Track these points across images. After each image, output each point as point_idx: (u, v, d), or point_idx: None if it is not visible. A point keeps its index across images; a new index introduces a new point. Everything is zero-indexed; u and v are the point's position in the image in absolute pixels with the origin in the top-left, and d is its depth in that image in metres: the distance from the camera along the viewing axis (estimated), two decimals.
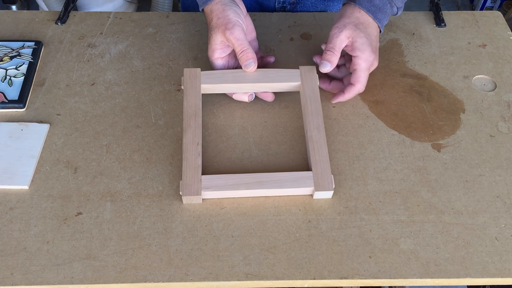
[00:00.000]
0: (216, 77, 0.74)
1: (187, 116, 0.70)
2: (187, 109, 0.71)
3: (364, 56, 0.72)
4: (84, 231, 0.63)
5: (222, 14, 0.72)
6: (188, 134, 0.68)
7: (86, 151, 0.71)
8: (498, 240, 0.63)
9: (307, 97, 0.72)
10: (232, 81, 0.73)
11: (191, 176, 0.65)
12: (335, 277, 0.60)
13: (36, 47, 0.82)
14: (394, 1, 0.75)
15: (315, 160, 0.66)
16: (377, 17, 0.73)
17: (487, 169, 0.70)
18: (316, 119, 0.70)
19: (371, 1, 0.73)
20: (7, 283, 0.58)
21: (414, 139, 0.73)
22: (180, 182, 0.65)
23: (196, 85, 0.73)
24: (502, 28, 0.90)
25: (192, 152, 0.67)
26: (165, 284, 0.59)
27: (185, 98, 0.72)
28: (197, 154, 0.67)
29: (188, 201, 0.65)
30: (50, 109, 0.76)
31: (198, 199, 0.65)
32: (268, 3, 0.95)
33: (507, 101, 0.78)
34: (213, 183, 0.65)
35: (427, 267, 0.61)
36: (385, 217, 0.65)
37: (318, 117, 0.70)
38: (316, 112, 0.71)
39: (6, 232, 0.62)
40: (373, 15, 0.73)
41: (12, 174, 0.67)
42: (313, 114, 0.70)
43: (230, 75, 0.73)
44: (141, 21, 0.89)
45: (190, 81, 0.73)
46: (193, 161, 0.66)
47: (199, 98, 0.72)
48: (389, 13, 0.76)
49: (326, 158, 0.66)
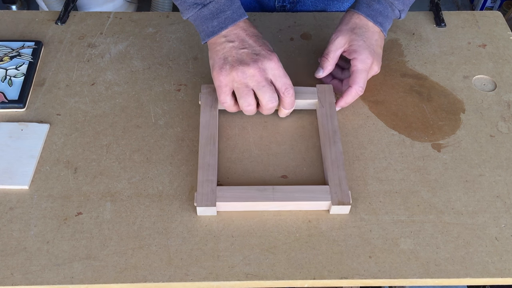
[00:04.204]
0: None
1: (204, 134, 0.70)
2: (204, 127, 0.70)
3: (361, 58, 0.72)
4: (84, 231, 0.63)
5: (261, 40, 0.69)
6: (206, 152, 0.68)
7: (86, 151, 0.71)
8: (498, 240, 0.63)
9: (324, 115, 0.72)
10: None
11: (206, 187, 0.64)
12: (335, 277, 0.60)
13: (36, 47, 0.82)
14: (394, 4, 0.75)
15: (333, 175, 0.66)
16: (377, 21, 0.74)
17: (487, 169, 0.70)
18: (333, 136, 0.70)
19: (370, 6, 0.74)
20: (7, 283, 0.58)
21: (414, 139, 0.73)
22: (195, 193, 0.64)
23: (213, 101, 0.73)
24: (502, 28, 0.90)
25: (208, 167, 0.66)
26: (165, 284, 0.59)
27: (202, 114, 0.72)
28: (213, 170, 0.66)
29: (202, 213, 0.64)
30: (50, 109, 0.76)
31: (212, 211, 0.64)
32: (268, 2, 0.95)
33: (507, 101, 0.78)
34: (228, 194, 0.64)
35: (427, 267, 0.61)
36: (385, 217, 0.65)
37: (335, 134, 0.70)
38: (333, 130, 0.70)
39: (6, 232, 0.62)
40: (372, 19, 0.73)
41: (12, 174, 0.67)
42: (329, 131, 0.70)
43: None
44: (141, 21, 0.89)
45: (207, 97, 0.74)
46: (208, 176, 0.65)
47: (216, 114, 0.72)
48: (391, 16, 0.76)
49: (343, 173, 0.66)
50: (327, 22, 0.90)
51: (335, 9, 0.96)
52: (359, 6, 0.74)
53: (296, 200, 0.64)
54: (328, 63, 0.75)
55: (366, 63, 0.72)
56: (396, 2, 0.74)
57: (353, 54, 0.72)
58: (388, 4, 0.74)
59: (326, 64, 0.75)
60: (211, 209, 0.63)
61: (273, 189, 0.65)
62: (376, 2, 0.74)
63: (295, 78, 0.81)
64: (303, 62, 0.83)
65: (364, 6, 0.74)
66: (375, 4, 0.74)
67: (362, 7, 0.74)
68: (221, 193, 0.64)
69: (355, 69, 0.72)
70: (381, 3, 0.74)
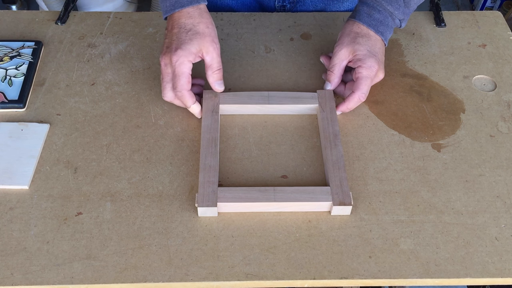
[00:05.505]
0: (233, 98, 0.75)
1: (205, 137, 0.70)
2: (206, 132, 0.71)
3: (366, 65, 0.72)
4: (84, 231, 0.63)
5: (212, 25, 0.71)
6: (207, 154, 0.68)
7: (86, 151, 0.71)
8: (498, 240, 0.63)
9: (325, 119, 0.72)
10: (249, 102, 0.74)
11: (207, 188, 0.64)
12: (335, 277, 0.60)
13: (36, 47, 0.82)
14: (395, 14, 0.75)
15: (333, 176, 0.66)
16: (378, 30, 0.74)
17: (487, 169, 0.70)
18: (334, 139, 0.70)
19: (371, 16, 0.74)
20: (7, 283, 0.58)
21: (414, 139, 0.73)
22: (196, 194, 0.64)
23: (215, 105, 0.73)
24: (502, 28, 0.90)
25: (209, 169, 0.66)
26: (165, 284, 0.59)
27: (203, 119, 0.72)
28: (214, 171, 0.66)
29: (203, 214, 0.64)
30: (50, 109, 0.76)
31: (213, 212, 0.64)
32: (268, 2, 0.95)
33: (507, 101, 0.78)
34: (229, 195, 0.64)
35: (427, 267, 0.61)
36: (385, 217, 0.65)
37: (336, 138, 0.70)
38: (334, 134, 0.70)
39: (6, 232, 0.62)
40: (374, 28, 0.74)
41: (12, 174, 0.67)
42: (330, 135, 0.70)
43: (246, 96, 0.75)
44: (141, 21, 0.89)
45: (208, 102, 0.74)
46: (210, 177, 0.65)
47: (217, 118, 0.72)
48: (392, 26, 0.76)
49: (344, 174, 0.66)
50: (327, 22, 0.90)
51: (335, 9, 0.96)
52: (359, 16, 0.74)
53: (297, 200, 0.64)
54: (334, 76, 0.75)
55: (371, 70, 0.72)
56: (396, 12, 0.74)
57: (358, 62, 0.73)
58: (388, 13, 0.74)
59: (332, 77, 0.76)
60: (212, 209, 0.63)
61: (274, 190, 0.65)
62: (376, 11, 0.74)
63: (295, 78, 0.81)
64: (303, 62, 0.83)
65: (365, 16, 0.74)
66: (376, 13, 0.74)
67: (362, 17, 0.74)
68: (222, 194, 0.64)
69: (359, 75, 0.72)
70: (382, 13, 0.74)
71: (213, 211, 0.64)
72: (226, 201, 0.63)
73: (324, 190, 0.65)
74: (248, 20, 0.90)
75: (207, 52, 0.70)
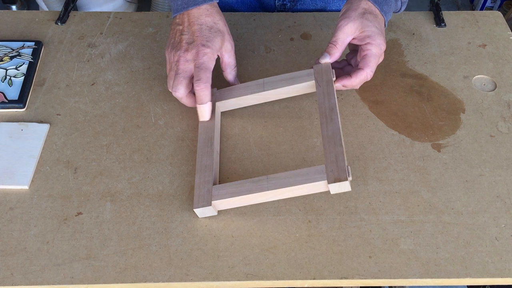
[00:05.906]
0: (230, 92, 0.74)
1: (202, 137, 0.70)
2: (202, 131, 0.70)
3: (376, 42, 0.69)
4: (84, 231, 0.63)
5: (226, 23, 0.71)
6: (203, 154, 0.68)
7: (86, 151, 0.71)
8: (498, 240, 0.63)
9: (321, 94, 0.68)
10: (246, 93, 0.73)
11: (202, 189, 0.64)
12: (335, 277, 0.60)
13: (36, 47, 0.82)
14: None
15: (329, 152, 0.61)
16: (383, 9, 0.72)
17: (487, 169, 0.70)
18: (330, 113, 0.65)
19: None
20: (7, 283, 0.58)
21: (414, 139, 0.73)
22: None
23: (212, 104, 0.73)
24: (502, 28, 0.90)
25: (205, 169, 0.66)
26: (165, 284, 0.59)
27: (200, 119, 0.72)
28: (209, 171, 0.65)
29: (202, 215, 0.64)
30: (50, 109, 0.76)
31: (212, 211, 0.64)
32: (269, 1, 0.95)
33: (507, 101, 0.78)
34: (223, 191, 0.63)
35: (427, 267, 0.61)
36: (385, 217, 0.65)
37: (332, 111, 0.65)
38: (330, 107, 0.66)
39: (6, 232, 0.62)
40: (379, 7, 0.71)
41: (12, 174, 0.67)
42: (326, 109, 0.66)
43: (242, 88, 0.74)
44: (141, 21, 0.89)
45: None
46: (205, 177, 0.65)
47: (214, 117, 0.72)
48: (393, 7, 0.75)
49: (341, 148, 0.61)
50: (327, 22, 0.90)
51: (335, 8, 0.96)
52: None
53: (292, 185, 0.60)
54: (336, 50, 0.70)
55: (380, 49, 0.70)
56: None
57: (366, 39, 0.69)
58: None
59: (334, 51, 0.70)
60: (209, 209, 0.63)
61: (267, 178, 0.62)
62: None
63: None
64: (303, 62, 0.83)
65: None
66: None
67: None
68: (216, 192, 0.63)
69: (368, 53, 0.69)
70: None
71: (212, 211, 0.63)
72: (220, 198, 0.62)
73: (318, 169, 0.60)
74: (248, 20, 0.90)
75: (226, 50, 0.71)
